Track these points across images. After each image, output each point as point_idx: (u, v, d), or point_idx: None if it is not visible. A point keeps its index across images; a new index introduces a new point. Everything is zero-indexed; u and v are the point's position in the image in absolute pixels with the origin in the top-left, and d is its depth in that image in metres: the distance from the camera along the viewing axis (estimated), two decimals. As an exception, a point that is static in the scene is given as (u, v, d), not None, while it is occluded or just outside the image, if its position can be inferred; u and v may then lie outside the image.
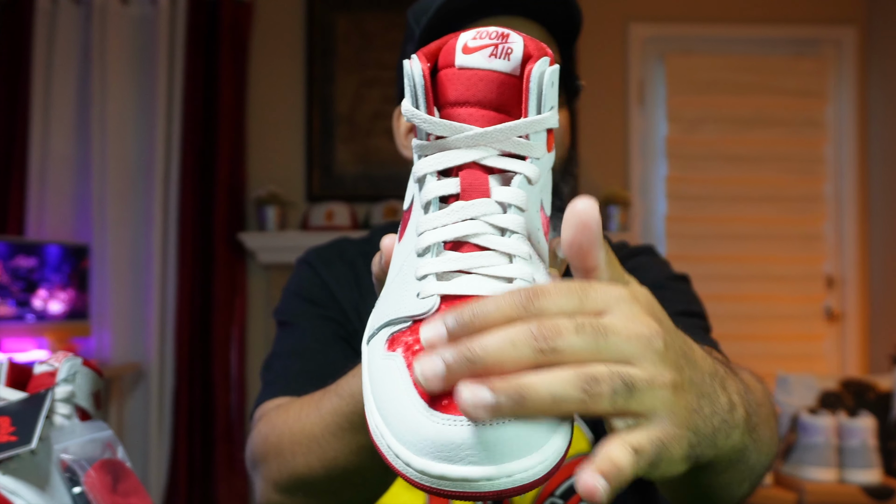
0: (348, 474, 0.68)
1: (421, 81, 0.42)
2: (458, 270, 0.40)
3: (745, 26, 3.42)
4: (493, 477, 0.35)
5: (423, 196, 0.43)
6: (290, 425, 0.73)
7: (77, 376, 0.67)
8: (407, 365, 0.39)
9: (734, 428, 0.47)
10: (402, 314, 0.41)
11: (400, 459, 0.37)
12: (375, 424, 0.39)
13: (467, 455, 0.35)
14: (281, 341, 0.96)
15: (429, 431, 0.36)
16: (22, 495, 0.55)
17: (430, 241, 0.41)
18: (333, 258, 1.01)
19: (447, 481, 0.35)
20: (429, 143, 0.43)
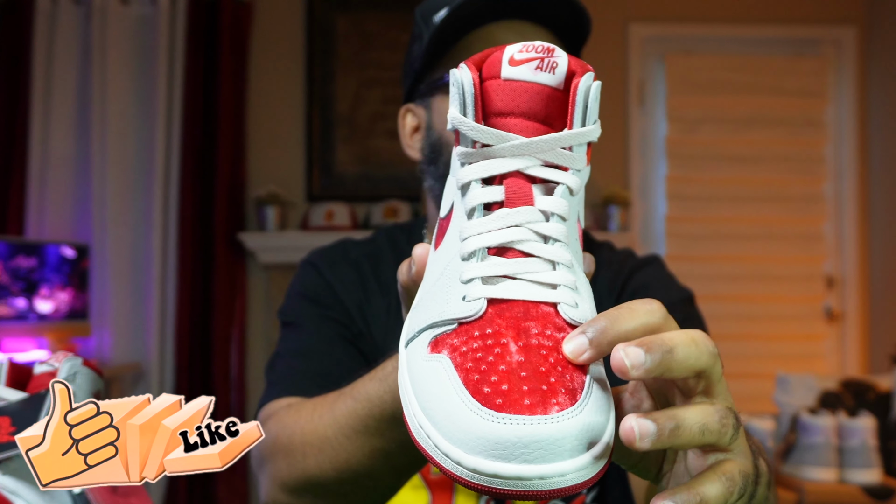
0: (359, 477, 0.68)
1: (471, 90, 0.43)
2: (503, 275, 0.41)
3: (745, 26, 3.42)
4: (546, 476, 0.35)
5: (468, 202, 0.43)
6: (302, 426, 0.73)
7: (77, 376, 0.67)
8: (455, 366, 0.39)
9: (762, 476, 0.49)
10: (446, 317, 0.41)
11: (450, 459, 0.37)
12: (420, 425, 0.39)
13: (521, 453, 0.35)
14: (285, 341, 0.96)
15: (482, 429, 0.36)
16: (22, 495, 0.55)
17: (476, 245, 0.42)
18: (337, 259, 1.01)
19: (500, 479, 0.35)
20: (474, 150, 0.43)
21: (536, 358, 0.38)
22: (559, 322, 0.40)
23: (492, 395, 0.36)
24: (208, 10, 3.24)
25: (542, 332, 0.39)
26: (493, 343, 0.39)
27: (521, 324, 0.39)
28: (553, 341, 0.39)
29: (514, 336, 0.39)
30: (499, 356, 0.38)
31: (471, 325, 0.40)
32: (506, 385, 0.37)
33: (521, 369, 0.37)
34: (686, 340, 0.39)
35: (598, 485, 0.88)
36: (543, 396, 0.36)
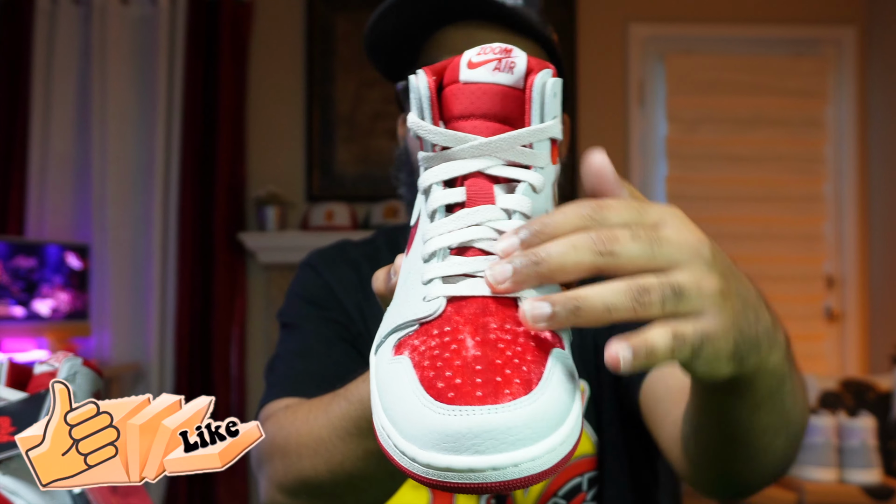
0: (354, 479, 0.68)
1: (427, 94, 0.43)
2: (463, 274, 0.41)
3: (745, 26, 3.42)
4: (499, 466, 0.35)
5: (429, 205, 0.44)
6: (298, 427, 0.73)
7: (77, 376, 0.67)
8: (413, 365, 0.39)
9: (776, 345, 0.49)
10: (408, 318, 0.41)
11: (406, 456, 0.37)
12: (382, 426, 0.39)
13: (473, 444, 0.35)
14: (284, 343, 0.96)
15: (434, 423, 0.36)
16: (22, 495, 0.56)
17: (436, 246, 0.42)
18: (337, 260, 1.01)
19: (453, 472, 0.35)
20: (434, 154, 0.44)
21: (493, 352, 0.38)
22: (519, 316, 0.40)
23: (445, 389, 0.36)
24: (208, 10, 3.24)
25: (501, 326, 0.39)
26: (451, 340, 0.38)
27: (479, 319, 0.39)
28: (512, 335, 0.39)
29: (472, 332, 0.38)
30: (455, 352, 0.38)
31: (430, 324, 0.40)
32: (459, 379, 0.36)
33: (475, 363, 0.37)
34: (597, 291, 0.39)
35: (597, 482, 0.88)
36: (496, 387, 0.36)
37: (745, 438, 0.57)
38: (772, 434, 0.58)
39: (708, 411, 0.58)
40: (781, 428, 0.58)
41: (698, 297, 0.40)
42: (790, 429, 0.60)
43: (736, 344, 0.43)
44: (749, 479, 0.64)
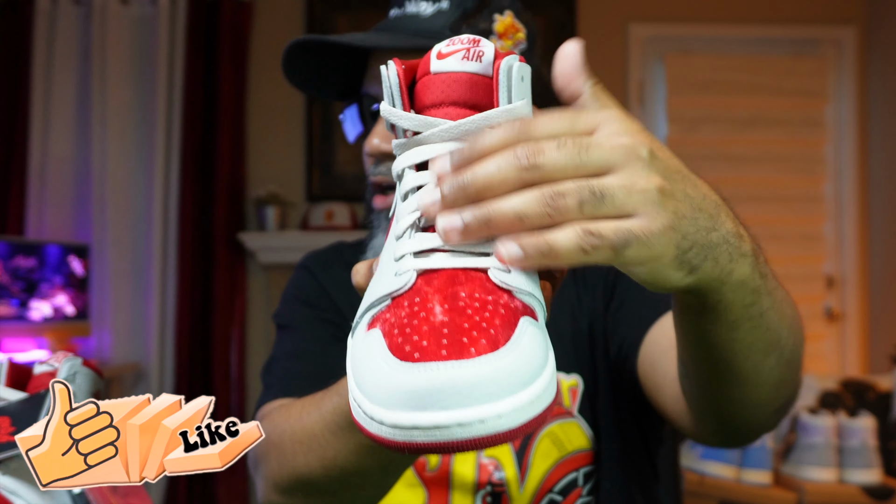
0: (347, 475, 0.68)
1: (396, 82, 0.44)
2: (433, 249, 0.41)
3: (745, 26, 3.42)
4: (464, 422, 0.34)
5: (402, 188, 0.45)
6: (292, 424, 0.73)
7: (77, 376, 0.67)
8: (383, 334, 0.39)
9: (741, 256, 0.46)
10: (381, 294, 0.42)
11: (374, 421, 0.37)
12: (354, 399, 0.39)
13: (438, 400, 0.34)
14: (280, 344, 0.96)
15: (399, 382, 0.35)
16: (22, 495, 0.56)
17: (407, 223, 0.43)
18: (331, 261, 1.02)
19: (419, 430, 0.35)
20: (406, 140, 0.45)
21: (461, 317, 0.37)
22: (489, 286, 0.40)
23: (411, 351, 0.36)
24: (208, 10, 3.24)
25: (471, 294, 0.39)
26: (420, 309, 0.38)
27: (448, 289, 0.39)
28: (481, 303, 0.38)
29: (441, 300, 0.38)
30: (423, 319, 0.38)
31: (401, 297, 0.40)
32: (426, 342, 0.36)
33: (443, 327, 0.37)
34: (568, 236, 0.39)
35: (593, 476, 0.88)
36: (462, 346, 0.36)
37: (731, 361, 0.55)
38: (759, 355, 0.55)
39: (689, 339, 0.56)
40: (769, 348, 0.56)
41: (627, 197, 0.39)
42: (780, 350, 0.57)
43: (679, 248, 0.41)
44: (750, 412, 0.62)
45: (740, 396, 0.60)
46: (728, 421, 0.65)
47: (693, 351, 0.57)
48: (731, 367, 0.56)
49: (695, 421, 0.71)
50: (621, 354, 0.87)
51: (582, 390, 0.90)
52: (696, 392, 0.64)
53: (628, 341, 0.85)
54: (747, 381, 0.57)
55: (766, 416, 0.64)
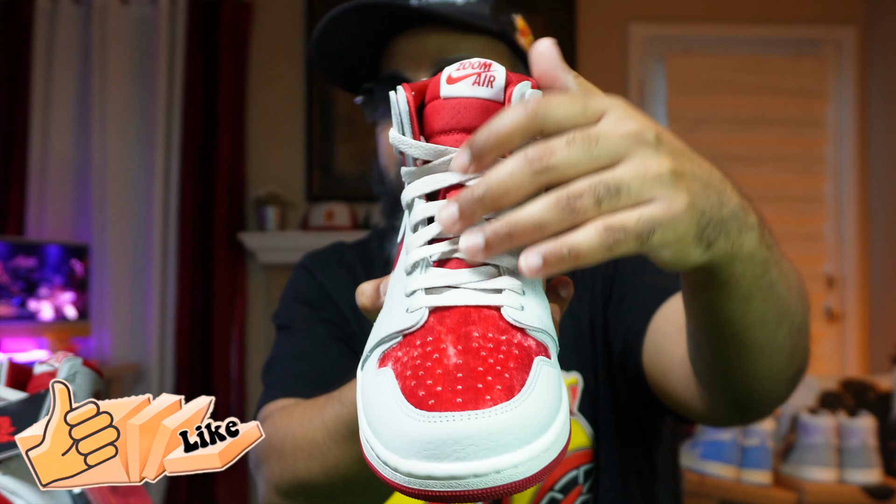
0: (348, 482, 0.68)
1: (406, 109, 0.43)
2: (446, 286, 0.41)
3: (745, 26, 3.42)
4: (480, 473, 0.34)
5: (412, 219, 0.43)
6: (293, 429, 0.73)
7: (77, 376, 0.67)
8: (395, 375, 0.38)
9: (749, 228, 0.47)
10: (392, 330, 0.41)
11: (388, 467, 0.36)
12: (366, 439, 0.39)
13: (454, 451, 0.34)
14: (280, 345, 0.96)
15: (414, 431, 0.35)
16: (22, 495, 0.56)
17: (418, 257, 0.42)
18: (331, 261, 1.02)
19: (434, 480, 0.35)
20: (416, 168, 0.44)
21: (475, 360, 0.37)
22: (502, 325, 0.39)
23: (425, 397, 0.36)
24: (208, 10, 3.24)
25: (484, 334, 0.38)
26: (433, 349, 0.38)
27: (461, 328, 0.39)
28: (495, 343, 0.38)
29: (454, 340, 0.38)
30: (436, 361, 0.37)
31: (413, 335, 0.40)
32: (440, 387, 0.36)
33: (457, 371, 0.37)
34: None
35: (593, 474, 0.89)
36: (477, 394, 0.35)
37: (745, 335, 0.55)
38: (772, 326, 0.56)
39: (702, 317, 0.56)
40: (780, 318, 0.56)
41: (642, 185, 0.39)
42: (791, 319, 0.57)
43: (699, 226, 0.42)
44: (765, 384, 0.62)
45: (755, 369, 0.59)
46: (743, 397, 0.64)
47: (707, 329, 0.57)
48: (745, 341, 0.56)
49: (707, 402, 0.70)
50: (626, 347, 0.86)
51: (582, 388, 0.90)
52: (711, 370, 0.63)
53: (632, 332, 0.84)
54: (762, 354, 0.58)
55: (780, 387, 0.64)
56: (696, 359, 0.64)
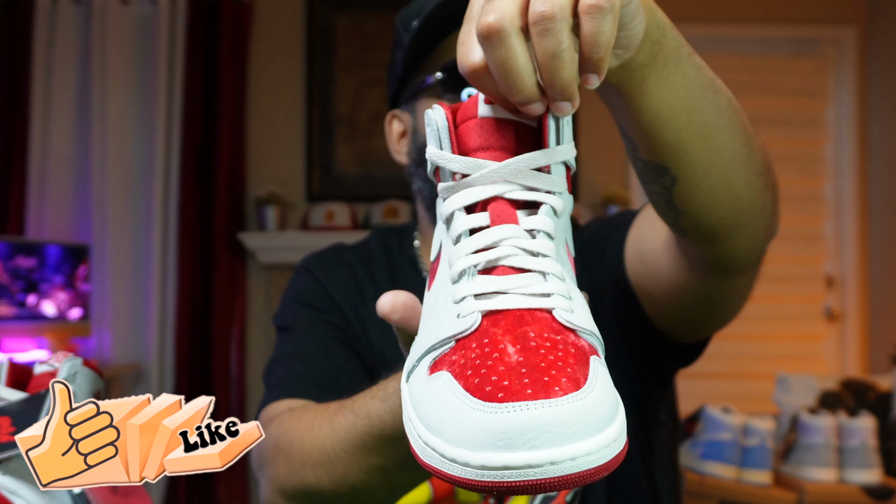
0: (355, 491, 0.68)
1: (444, 125, 0.45)
2: (494, 292, 0.41)
3: (745, 26, 3.42)
4: (556, 460, 0.35)
5: (453, 231, 0.44)
6: (302, 434, 0.73)
7: (77, 376, 0.67)
8: (454, 376, 0.39)
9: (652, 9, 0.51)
10: (442, 337, 0.41)
11: (457, 464, 0.36)
12: (425, 443, 0.39)
13: (529, 439, 0.35)
14: (282, 345, 0.96)
15: (486, 423, 0.35)
16: (22, 495, 0.56)
17: (464, 265, 0.43)
18: (332, 263, 1.01)
19: (511, 470, 0.35)
20: (454, 183, 0.45)
21: (535, 356, 0.38)
22: (556, 326, 0.40)
23: (493, 391, 0.36)
24: (208, 10, 3.24)
25: (540, 334, 0.39)
26: (491, 350, 0.38)
27: (517, 329, 0.39)
28: (552, 342, 0.39)
29: (512, 340, 0.39)
30: (497, 359, 0.38)
31: (467, 338, 0.40)
32: (506, 381, 0.36)
33: (520, 367, 0.37)
34: None
35: (582, 489, 0.88)
36: (545, 385, 0.36)
37: (697, 111, 0.58)
38: (711, 93, 0.59)
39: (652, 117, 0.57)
40: (716, 92, 0.60)
41: None
42: (726, 99, 0.62)
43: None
44: (732, 202, 0.64)
45: (719, 175, 0.62)
46: (718, 231, 0.66)
47: (661, 129, 0.58)
48: (700, 120, 0.59)
49: (690, 258, 0.72)
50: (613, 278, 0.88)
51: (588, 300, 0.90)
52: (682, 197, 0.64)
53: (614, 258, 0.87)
54: (716, 142, 0.60)
55: (748, 205, 0.66)
56: (672, 210, 0.65)
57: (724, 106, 0.62)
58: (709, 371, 3.21)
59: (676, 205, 0.64)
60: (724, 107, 0.62)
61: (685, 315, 0.83)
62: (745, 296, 0.82)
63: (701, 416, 2.10)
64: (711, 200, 0.63)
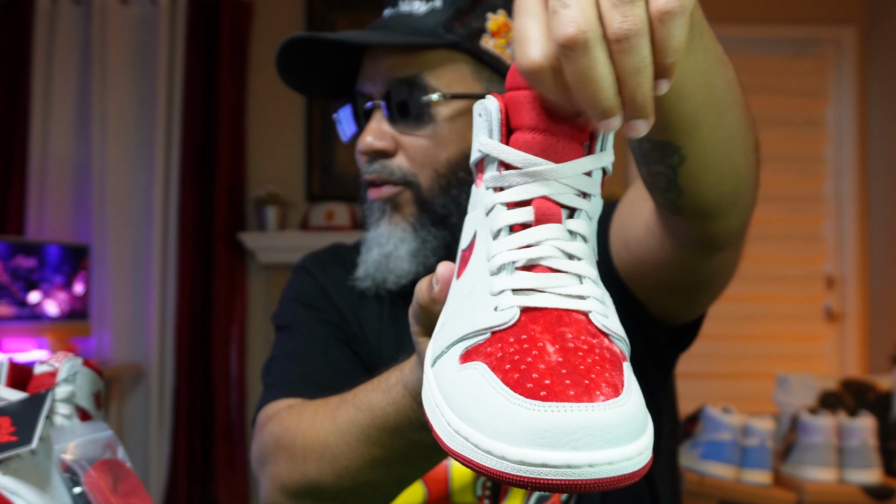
0: (358, 485, 0.68)
1: (497, 117, 0.44)
2: (532, 289, 0.42)
3: (745, 26, 3.42)
4: (595, 463, 0.35)
5: (494, 224, 0.44)
6: (304, 430, 0.73)
7: (77, 376, 0.67)
8: (492, 368, 0.39)
9: None
10: (478, 327, 0.42)
11: (493, 455, 0.37)
12: (456, 431, 0.39)
13: (570, 440, 0.35)
14: (280, 344, 0.96)
15: (528, 420, 0.36)
16: (22, 495, 0.56)
17: (504, 260, 0.43)
18: (330, 262, 1.02)
19: (549, 469, 0.35)
20: (501, 174, 0.44)
21: (575, 358, 0.38)
22: (592, 329, 0.41)
23: (535, 388, 0.37)
24: (208, 10, 3.24)
25: (577, 336, 0.40)
26: (530, 346, 0.39)
27: (556, 329, 0.40)
28: (588, 346, 0.39)
29: (551, 339, 0.39)
30: (537, 357, 0.38)
31: (504, 332, 0.41)
32: (548, 380, 0.37)
33: (560, 367, 0.38)
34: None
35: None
36: (587, 388, 0.37)
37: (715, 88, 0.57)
38: (721, 67, 0.58)
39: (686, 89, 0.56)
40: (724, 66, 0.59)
41: None
42: (737, 93, 0.61)
43: None
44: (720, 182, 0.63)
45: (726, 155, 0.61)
46: (716, 209, 0.65)
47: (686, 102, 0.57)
48: (715, 96, 0.58)
49: (678, 238, 0.71)
50: (603, 272, 0.88)
51: None
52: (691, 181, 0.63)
53: (602, 252, 0.87)
54: (727, 117, 0.60)
55: (746, 196, 0.66)
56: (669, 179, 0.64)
57: (732, 80, 0.61)
58: (709, 371, 3.21)
59: (680, 184, 0.63)
60: (732, 81, 0.61)
61: (678, 294, 0.83)
62: (734, 265, 0.82)
63: (701, 416, 2.10)
64: (715, 179, 0.63)
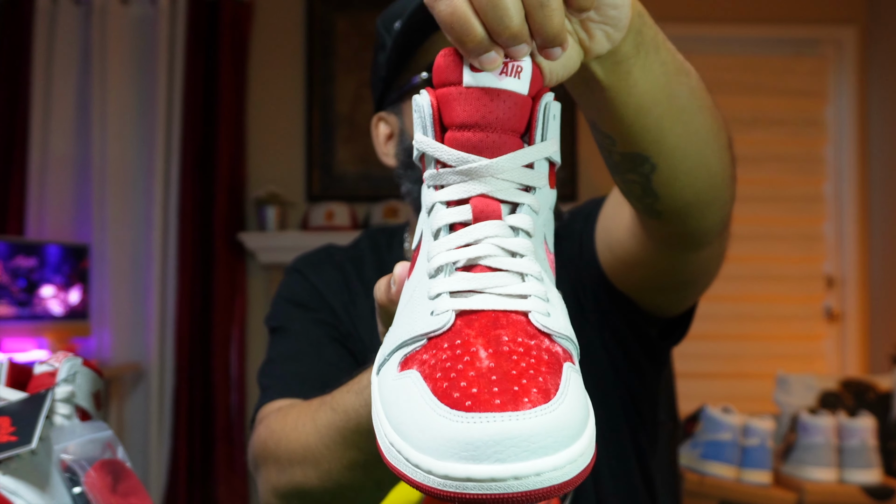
0: (340, 487, 0.69)
1: (430, 112, 0.42)
2: (471, 290, 0.40)
3: (745, 26, 3.42)
4: (521, 475, 0.34)
5: (434, 223, 0.43)
6: (287, 433, 0.74)
7: (77, 376, 0.67)
8: (423, 377, 0.38)
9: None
10: (415, 333, 0.40)
11: (420, 470, 0.36)
12: (391, 443, 0.38)
13: (494, 452, 0.34)
14: (275, 346, 0.96)
15: (452, 432, 0.35)
16: (22, 495, 0.56)
17: (442, 261, 0.41)
18: (322, 263, 1.02)
19: (473, 483, 0.34)
20: (438, 172, 0.43)
21: (507, 363, 0.37)
22: (531, 330, 0.39)
23: (461, 398, 0.35)
24: (208, 10, 3.24)
25: (514, 339, 0.38)
26: (463, 352, 0.37)
27: (491, 332, 0.38)
28: (525, 348, 0.38)
29: (484, 344, 0.38)
30: (468, 363, 0.37)
31: (439, 338, 0.39)
32: (475, 388, 0.35)
33: (490, 373, 0.36)
34: None
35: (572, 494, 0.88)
36: (515, 396, 0.35)
37: (672, 94, 0.59)
38: (683, 76, 0.60)
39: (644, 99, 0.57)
40: (687, 75, 0.61)
41: None
42: (696, 82, 0.63)
43: None
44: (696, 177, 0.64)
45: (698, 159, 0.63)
46: (693, 209, 0.67)
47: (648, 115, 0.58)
48: (678, 105, 0.59)
49: (659, 238, 0.72)
50: (592, 271, 0.88)
51: None
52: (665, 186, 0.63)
53: (589, 251, 0.88)
54: (693, 123, 0.61)
55: (723, 193, 0.68)
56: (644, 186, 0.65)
57: (695, 87, 0.62)
58: (709, 371, 3.21)
59: (655, 190, 0.64)
60: (696, 88, 0.62)
61: (664, 291, 0.84)
62: (720, 259, 0.82)
63: (701, 416, 2.10)
64: (689, 181, 0.64)
